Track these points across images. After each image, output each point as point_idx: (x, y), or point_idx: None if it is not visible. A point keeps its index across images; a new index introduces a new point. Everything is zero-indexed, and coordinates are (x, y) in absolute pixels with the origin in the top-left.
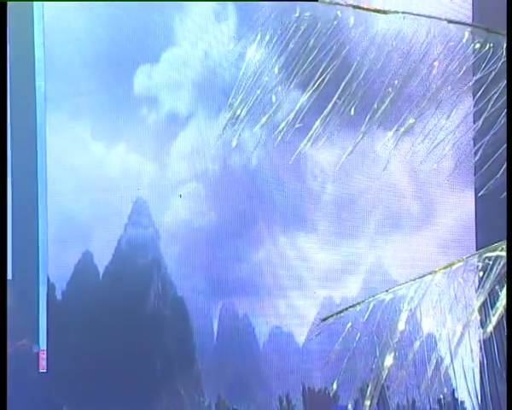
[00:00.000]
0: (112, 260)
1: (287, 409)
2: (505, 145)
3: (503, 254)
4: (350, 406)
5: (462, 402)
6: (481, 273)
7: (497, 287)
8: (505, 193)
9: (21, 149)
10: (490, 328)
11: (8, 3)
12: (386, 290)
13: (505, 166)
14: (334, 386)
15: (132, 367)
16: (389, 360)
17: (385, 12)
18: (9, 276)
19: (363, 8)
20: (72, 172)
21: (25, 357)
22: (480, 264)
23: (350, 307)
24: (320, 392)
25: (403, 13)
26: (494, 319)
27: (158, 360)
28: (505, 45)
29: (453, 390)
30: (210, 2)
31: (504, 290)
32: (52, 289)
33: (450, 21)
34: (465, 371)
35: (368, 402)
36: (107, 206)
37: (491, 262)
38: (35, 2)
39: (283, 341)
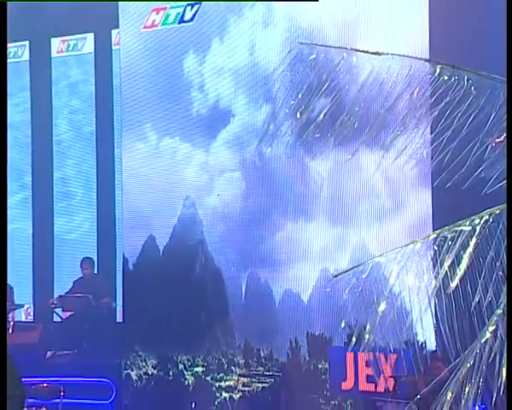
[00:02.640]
0: (168, 242)
1: (295, 349)
2: (466, 149)
3: (465, 228)
4: (354, 339)
5: (435, 332)
6: (450, 242)
7: (461, 252)
8: (460, 188)
9: (104, 163)
10: (455, 282)
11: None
12: (381, 254)
13: (467, 163)
14: (343, 325)
15: (184, 319)
16: (383, 306)
17: (379, 54)
18: (95, 254)
19: (363, 51)
20: (139, 178)
21: (107, 311)
22: (449, 235)
23: (354, 267)
24: (319, 336)
25: (392, 54)
26: (459, 275)
27: (202, 313)
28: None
29: (429, 326)
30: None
31: (466, 254)
32: (126, 262)
33: (426, 60)
34: (437, 312)
35: (367, 336)
36: (164, 202)
37: (456, 234)
38: (113, 50)
39: (293, 300)
